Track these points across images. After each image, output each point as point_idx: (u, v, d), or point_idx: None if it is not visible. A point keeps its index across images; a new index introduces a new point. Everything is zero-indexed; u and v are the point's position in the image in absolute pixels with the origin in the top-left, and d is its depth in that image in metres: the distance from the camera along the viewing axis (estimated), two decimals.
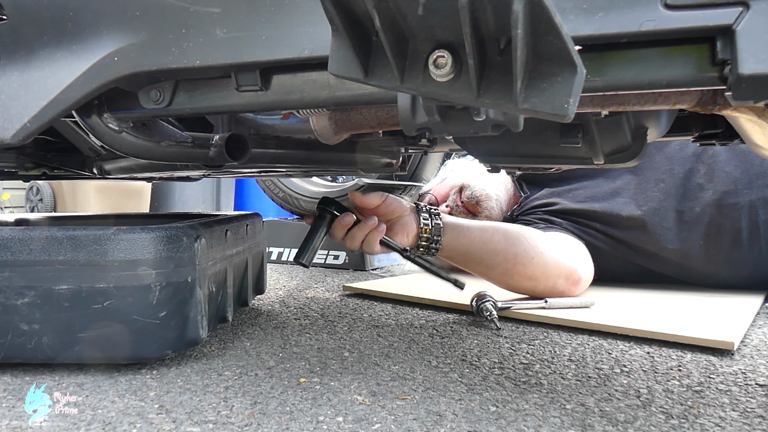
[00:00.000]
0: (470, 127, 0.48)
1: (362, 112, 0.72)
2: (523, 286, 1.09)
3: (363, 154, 1.02)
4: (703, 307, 1.08)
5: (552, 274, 1.09)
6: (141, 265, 0.72)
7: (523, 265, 1.06)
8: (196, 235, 0.78)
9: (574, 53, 0.33)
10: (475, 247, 1.05)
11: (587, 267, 1.18)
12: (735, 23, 0.37)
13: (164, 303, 0.74)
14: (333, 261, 1.82)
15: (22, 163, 1.08)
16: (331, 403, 0.64)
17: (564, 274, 1.11)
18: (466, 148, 0.83)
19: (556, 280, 1.10)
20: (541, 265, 1.08)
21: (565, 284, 1.11)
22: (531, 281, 1.08)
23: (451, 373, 0.74)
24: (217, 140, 0.74)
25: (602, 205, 1.31)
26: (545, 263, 1.08)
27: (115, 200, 3.75)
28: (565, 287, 1.11)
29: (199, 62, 0.51)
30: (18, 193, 4.34)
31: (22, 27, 0.56)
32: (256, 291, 1.12)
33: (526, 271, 1.07)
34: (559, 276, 1.10)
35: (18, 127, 0.57)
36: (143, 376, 0.73)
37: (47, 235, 0.72)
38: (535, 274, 1.08)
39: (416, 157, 2.00)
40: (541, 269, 1.08)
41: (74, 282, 0.71)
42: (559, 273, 1.10)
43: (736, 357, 0.82)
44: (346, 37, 0.36)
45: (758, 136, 0.58)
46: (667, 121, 0.70)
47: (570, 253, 1.17)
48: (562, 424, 0.58)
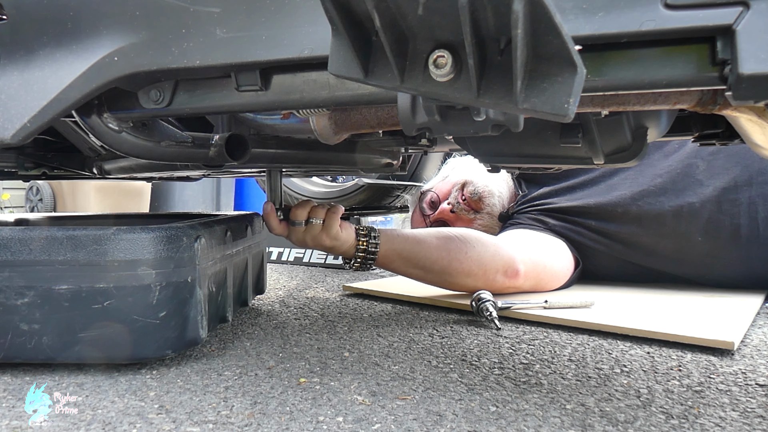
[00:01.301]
0: (470, 127, 0.48)
1: (362, 112, 0.72)
2: (464, 283, 1.10)
3: (363, 154, 1.02)
4: (703, 307, 1.08)
5: (490, 269, 1.10)
6: (141, 265, 0.72)
7: (458, 261, 1.08)
8: (196, 235, 0.78)
9: (574, 53, 0.33)
10: (410, 247, 1.07)
11: (523, 260, 1.16)
12: (735, 23, 0.37)
13: (164, 303, 0.74)
14: (333, 261, 1.82)
15: (22, 163, 1.08)
16: (331, 403, 0.64)
17: (501, 269, 1.11)
18: (466, 148, 0.83)
19: (495, 275, 1.11)
20: (476, 258, 1.09)
21: (503, 279, 1.12)
22: (470, 277, 1.09)
23: (451, 373, 0.74)
24: (217, 140, 0.74)
25: (597, 200, 1.32)
26: (480, 257, 1.09)
27: (115, 200, 3.75)
28: (504, 281, 1.12)
29: (199, 62, 0.51)
30: (18, 193, 4.34)
31: (22, 27, 0.56)
32: (256, 291, 1.12)
33: (462, 267, 1.08)
34: (496, 271, 1.11)
35: (18, 126, 0.57)
36: (143, 376, 0.73)
37: (47, 235, 0.72)
38: (472, 269, 1.09)
39: (416, 157, 2.00)
40: (477, 264, 1.09)
41: (74, 282, 0.71)
42: (496, 268, 1.11)
43: (736, 357, 0.82)
44: (346, 37, 0.36)
45: (758, 136, 0.58)
46: (667, 121, 0.70)
47: (512, 246, 1.16)
48: (562, 424, 0.58)
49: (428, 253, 1.08)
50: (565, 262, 1.26)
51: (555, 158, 0.77)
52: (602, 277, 1.34)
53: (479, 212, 1.50)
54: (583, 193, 1.36)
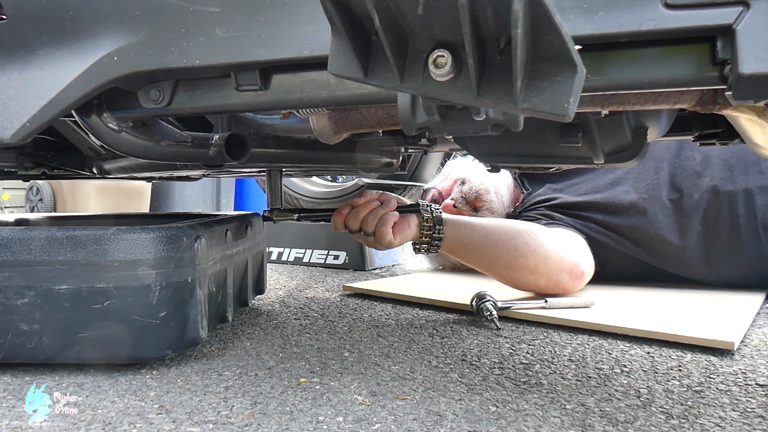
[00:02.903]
0: (470, 126, 0.48)
1: (362, 112, 0.72)
2: (527, 280, 1.08)
3: (363, 154, 1.02)
4: (703, 307, 1.08)
5: (555, 268, 1.09)
6: (141, 265, 0.72)
7: (525, 257, 1.06)
8: (196, 235, 0.78)
9: (574, 53, 0.33)
10: (477, 239, 1.05)
11: (589, 261, 1.18)
12: (735, 23, 0.37)
13: (164, 303, 0.74)
14: (333, 261, 1.82)
15: (22, 163, 1.08)
16: (331, 403, 0.64)
17: (567, 269, 1.10)
18: (465, 147, 0.82)
19: (560, 275, 1.09)
20: (543, 257, 1.07)
21: (568, 279, 1.10)
22: (534, 275, 1.07)
23: (451, 373, 0.74)
24: (217, 140, 0.74)
25: (603, 195, 1.32)
26: (547, 256, 1.08)
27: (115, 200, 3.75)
28: (569, 282, 1.11)
29: (198, 62, 0.51)
30: (18, 193, 4.33)
31: (21, 26, 0.56)
32: (256, 291, 1.12)
33: (528, 263, 1.06)
34: (562, 270, 1.09)
35: (17, 126, 0.57)
36: (143, 376, 0.73)
37: (47, 235, 0.72)
38: (538, 266, 1.07)
39: (416, 157, 2.00)
40: (543, 262, 1.07)
41: (74, 282, 0.71)
42: (562, 267, 1.09)
43: (736, 357, 0.82)
44: (345, 36, 0.36)
45: (758, 135, 0.58)
46: (667, 121, 0.70)
47: (572, 247, 1.16)
48: (562, 424, 0.58)
49: (494, 247, 1.05)
50: (593, 261, 1.25)
51: (555, 158, 0.77)
52: (608, 276, 1.34)
53: (478, 210, 1.50)
54: (587, 189, 1.36)
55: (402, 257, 1.84)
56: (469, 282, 1.37)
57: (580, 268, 1.12)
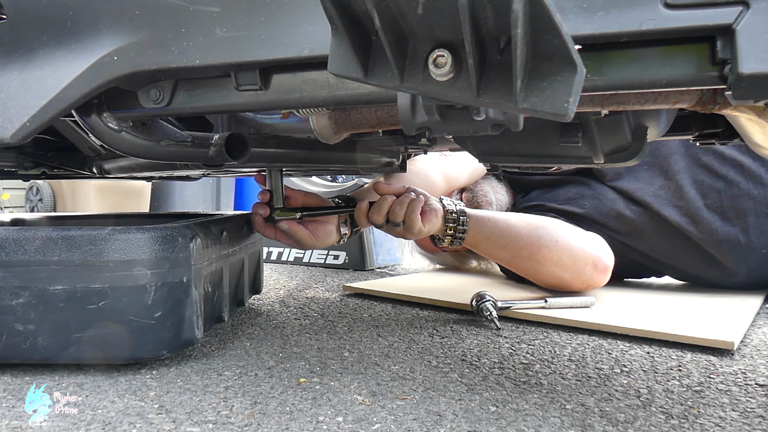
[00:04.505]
0: (470, 126, 0.48)
1: (362, 112, 0.72)
2: (551, 273, 1.07)
3: (363, 154, 1.02)
4: (703, 307, 1.08)
5: (579, 260, 1.07)
6: (136, 265, 0.72)
7: (548, 249, 1.04)
8: (192, 235, 0.78)
9: (573, 53, 0.33)
10: (499, 231, 1.04)
11: (610, 256, 1.14)
12: (735, 22, 0.37)
13: (160, 303, 0.74)
14: (333, 261, 1.82)
15: (22, 163, 1.08)
16: (331, 403, 0.64)
17: (591, 261, 1.08)
18: (465, 147, 0.82)
19: (584, 267, 1.07)
20: (567, 249, 1.06)
21: (593, 272, 1.08)
22: (558, 267, 1.06)
23: (451, 373, 0.74)
24: (217, 139, 0.74)
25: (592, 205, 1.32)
26: (571, 248, 1.06)
27: (115, 200, 3.75)
28: (594, 275, 1.08)
29: (198, 61, 0.51)
30: (18, 193, 4.33)
31: (21, 26, 0.56)
32: (253, 291, 1.13)
33: (552, 255, 1.05)
34: (586, 263, 1.07)
35: (17, 126, 0.57)
36: (143, 376, 0.73)
37: (42, 236, 0.72)
38: (562, 258, 1.05)
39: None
40: (567, 253, 1.06)
41: (69, 282, 0.71)
42: (586, 260, 1.07)
43: (736, 357, 0.82)
44: (345, 36, 0.36)
45: (758, 135, 0.58)
46: (667, 121, 0.70)
47: (592, 241, 1.14)
48: (562, 424, 0.58)
49: (518, 238, 1.04)
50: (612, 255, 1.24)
51: (555, 157, 0.77)
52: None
53: None
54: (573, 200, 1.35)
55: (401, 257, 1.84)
56: (469, 282, 1.37)
57: (604, 261, 1.10)
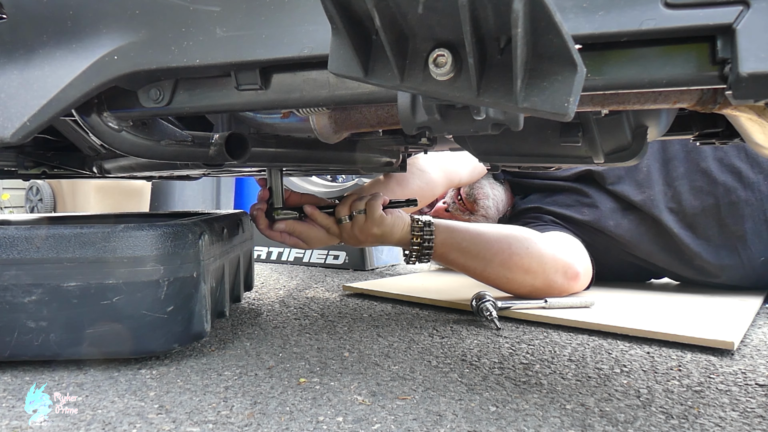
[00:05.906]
0: (470, 126, 0.48)
1: (362, 111, 0.72)
2: (522, 281, 1.08)
3: (363, 153, 1.02)
4: (703, 307, 1.08)
5: (549, 268, 1.08)
6: (149, 261, 0.74)
7: (519, 256, 1.06)
8: (200, 231, 0.80)
9: (574, 52, 0.33)
10: (470, 238, 1.05)
11: (584, 262, 1.17)
12: (735, 22, 0.37)
13: (171, 298, 0.75)
14: (333, 261, 1.82)
15: (22, 162, 1.08)
16: (331, 403, 0.64)
17: (561, 269, 1.09)
18: (466, 147, 0.82)
19: (554, 275, 1.09)
20: (537, 256, 1.07)
21: (563, 279, 1.10)
22: (529, 274, 1.07)
23: (451, 373, 0.74)
24: (217, 139, 0.74)
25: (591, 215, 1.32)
26: (541, 255, 1.08)
27: (115, 200, 3.75)
28: (564, 283, 1.10)
29: (199, 61, 0.51)
30: (18, 193, 4.33)
31: (21, 26, 0.56)
32: (246, 287, 1.15)
33: (522, 262, 1.06)
34: (556, 271, 1.09)
35: (18, 125, 0.57)
36: (143, 376, 0.73)
37: (55, 233, 0.73)
38: (532, 266, 1.07)
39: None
40: (537, 261, 1.07)
41: (83, 279, 0.72)
42: (556, 267, 1.09)
43: (736, 357, 0.82)
44: (346, 35, 0.36)
45: (758, 135, 0.58)
46: (667, 120, 0.70)
47: (566, 248, 1.16)
48: (562, 424, 0.58)
49: (489, 245, 1.05)
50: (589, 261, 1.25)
51: (555, 157, 0.77)
52: (605, 275, 1.33)
53: (474, 213, 1.50)
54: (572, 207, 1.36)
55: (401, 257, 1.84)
56: (469, 282, 1.37)
57: (574, 268, 1.11)
